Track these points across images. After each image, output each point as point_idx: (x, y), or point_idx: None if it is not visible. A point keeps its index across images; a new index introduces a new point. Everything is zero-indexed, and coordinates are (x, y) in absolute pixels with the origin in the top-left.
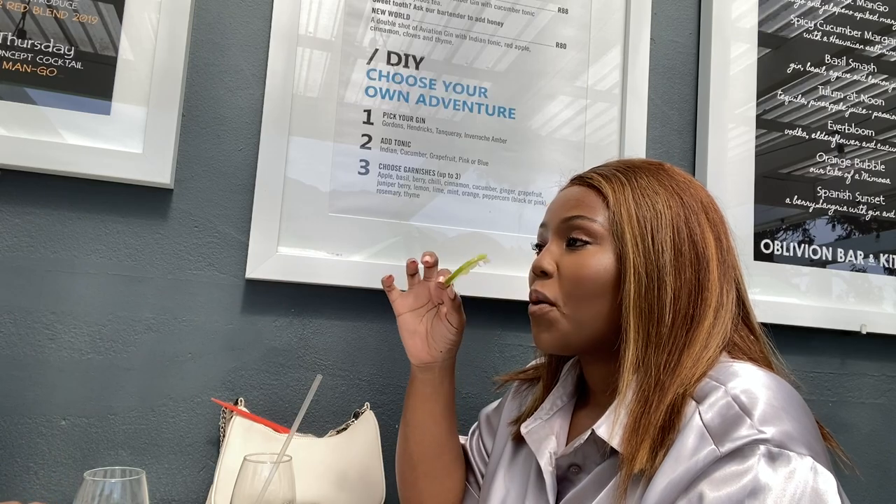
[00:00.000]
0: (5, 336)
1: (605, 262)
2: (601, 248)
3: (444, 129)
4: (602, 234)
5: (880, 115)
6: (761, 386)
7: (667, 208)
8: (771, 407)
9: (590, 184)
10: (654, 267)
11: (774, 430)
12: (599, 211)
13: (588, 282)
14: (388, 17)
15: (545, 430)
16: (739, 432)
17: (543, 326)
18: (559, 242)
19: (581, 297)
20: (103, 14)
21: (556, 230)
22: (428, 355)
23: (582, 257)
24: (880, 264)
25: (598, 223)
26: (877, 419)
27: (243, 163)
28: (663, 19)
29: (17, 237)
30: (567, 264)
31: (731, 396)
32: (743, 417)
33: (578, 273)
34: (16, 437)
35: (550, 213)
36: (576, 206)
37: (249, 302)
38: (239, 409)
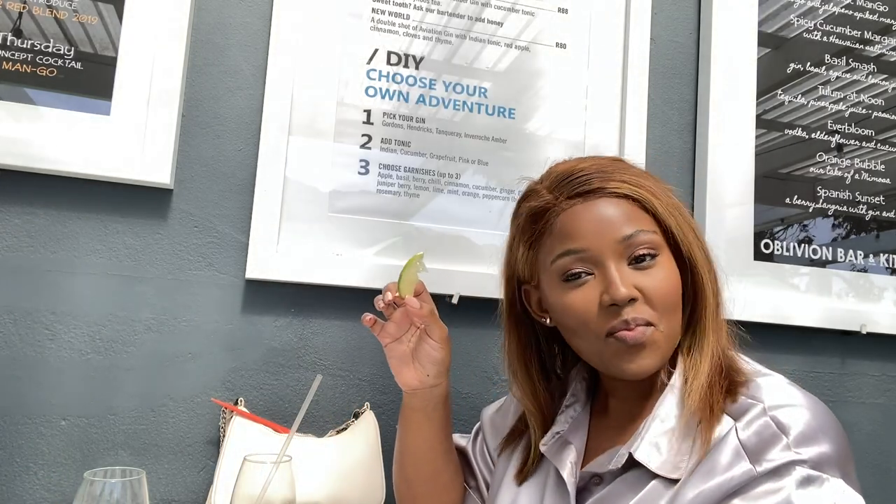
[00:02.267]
0: (5, 336)
1: (675, 270)
2: (665, 258)
3: (444, 129)
4: (660, 243)
5: (880, 114)
6: (799, 405)
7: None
8: (808, 427)
9: (620, 194)
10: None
11: (810, 452)
12: (648, 220)
13: (675, 294)
14: (388, 17)
15: (563, 444)
16: (775, 453)
17: (647, 351)
18: (620, 264)
19: (672, 311)
20: (103, 14)
21: (610, 253)
22: (416, 380)
23: (660, 273)
24: (880, 264)
25: (655, 233)
26: (877, 419)
27: (243, 163)
28: (663, 19)
29: (17, 237)
30: (649, 284)
31: (770, 416)
32: (780, 437)
33: (666, 289)
34: (16, 437)
35: (588, 236)
36: (627, 222)
37: (249, 302)
38: (239, 410)
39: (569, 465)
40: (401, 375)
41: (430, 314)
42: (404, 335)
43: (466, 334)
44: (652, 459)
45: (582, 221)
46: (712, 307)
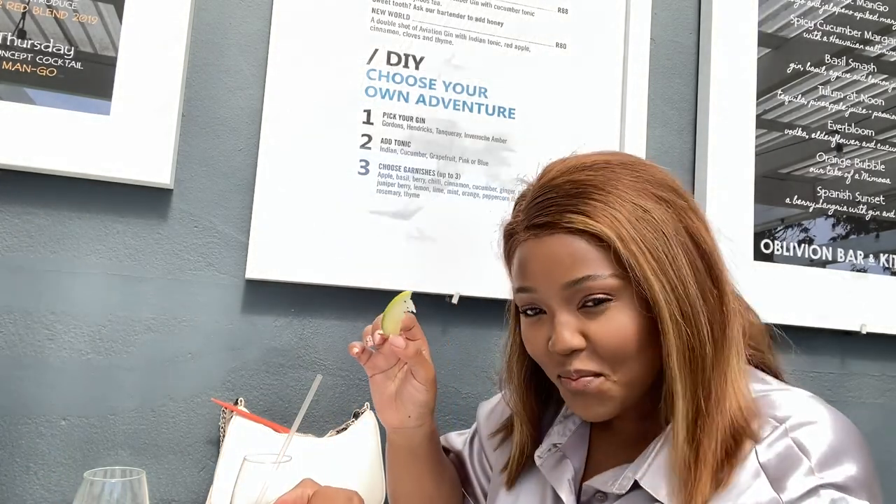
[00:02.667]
0: (5, 336)
1: (634, 315)
2: (624, 302)
3: (444, 129)
4: (616, 285)
5: (880, 115)
6: (820, 423)
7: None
8: (831, 449)
9: (573, 230)
10: (685, 301)
11: (834, 476)
12: (603, 260)
13: (629, 344)
14: (388, 17)
15: (559, 458)
16: (799, 478)
17: (595, 400)
18: (568, 308)
19: (628, 359)
20: (103, 14)
21: (556, 297)
22: (396, 419)
23: (612, 321)
24: (880, 264)
25: (609, 275)
26: (877, 419)
27: (243, 163)
28: (663, 19)
29: (17, 237)
30: (597, 333)
31: (790, 437)
32: (802, 459)
33: (617, 340)
34: (16, 437)
35: (537, 277)
36: (574, 265)
37: (249, 302)
38: (239, 410)
39: (566, 483)
40: (382, 413)
41: (416, 355)
42: (391, 369)
43: (466, 334)
44: (659, 488)
45: (532, 260)
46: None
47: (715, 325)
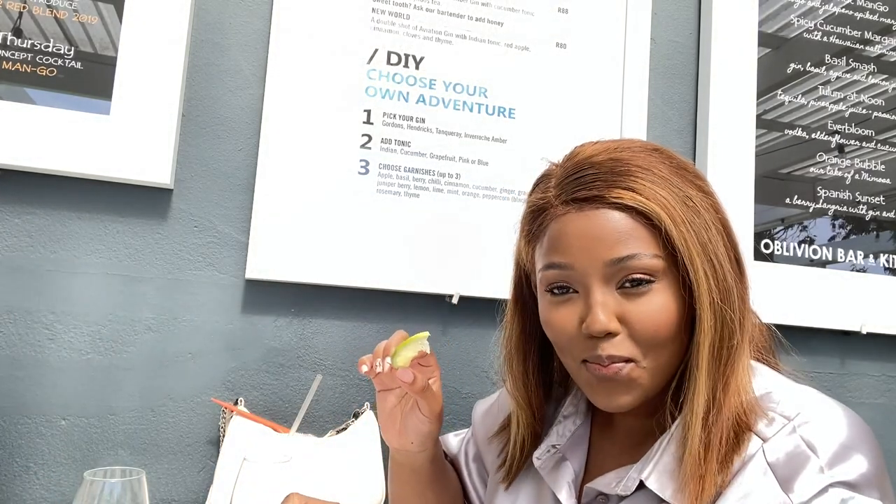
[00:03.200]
0: (5, 336)
1: (674, 300)
2: (665, 284)
3: (444, 129)
4: (660, 267)
5: (880, 115)
6: (829, 420)
7: (705, 210)
8: (841, 446)
9: (621, 205)
10: (725, 290)
11: (844, 473)
12: (649, 240)
13: (666, 328)
14: (388, 17)
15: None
16: (808, 477)
17: (623, 388)
18: (607, 288)
19: (661, 345)
20: (103, 14)
21: (597, 275)
22: (398, 443)
23: (653, 302)
24: (880, 264)
25: (654, 256)
26: (877, 419)
27: (243, 163)
28: (663, 19)
29: (17, 237)
30: (636, 315)
31: (798, 435)
32: (811, 458)
33: (656, 323)
34: (16, 437)
35: (578, 253)
36: (620, 242)
37: (249, 302)
38: (239, 410)
39: (566, 486)
40: (384, 432)
41: (423, 391)
42: (400, 389)
43: (466, 334)
44: (665, 488)
45: (571, 234)
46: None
47: (743, 314)
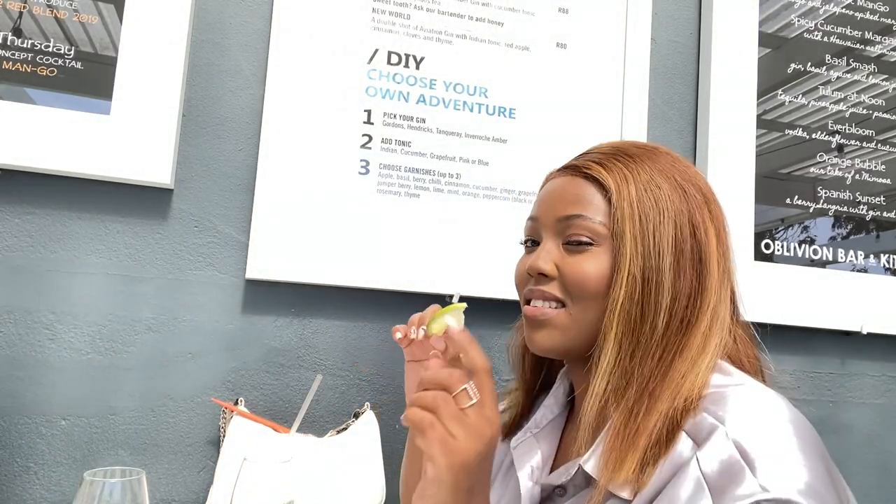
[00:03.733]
0: (5, 336)
1: (606, 264)
2: (603, 249)
3: (444, 129)
4: (604, 233)
5: (880, 115)
6: (765, 425)
7: (670, 203)
8: (775, 456)
9: (588, 175)
10: (652, 269)
11: (779, 486)
12: (600, 208)
13: (593, 283)
14: (388, 17)
15: (532, 445)
16: (741, 490)
17: (546, 327)
18: (555, 241)
19: (586, 298)
20: (103, 14)
21: (551, 228)
22: None
23: (584, 260)
24: (880, 264)
25: (599, 222)
26: (877, 419)
27: (243, 163)
28: (663, 19)
29: (17, 237)
30: (569, 267)
31: (732, 441)
32: (745, 470)
33: (582, 276)
34: (16, 437)
35: (543, 207)
36: (574, 203)
37: (249, 302)
38: (239, 410)
39: (528, 469)
40: (408, 397)
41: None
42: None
43: None
44: (596, 468)
45: (545, 192)
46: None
47: (681, 308)
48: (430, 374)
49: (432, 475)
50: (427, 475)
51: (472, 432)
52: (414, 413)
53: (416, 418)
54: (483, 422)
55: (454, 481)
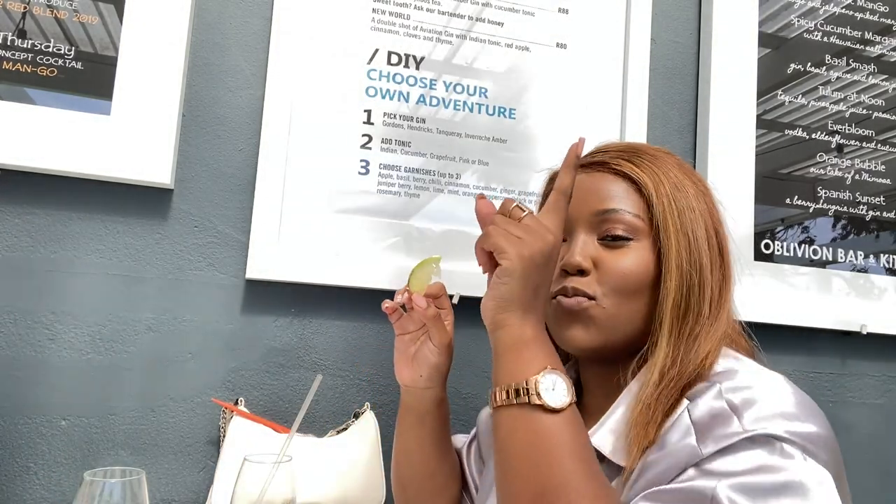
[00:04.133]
0: (5, 336)
1: (647, 259)
2: (641, 245)
3: (444, 129)
4: (642, 228)
5: (880, 115)
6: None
7: (695, 201)
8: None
9: (619, 172)
10: (696, 262)
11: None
12: (636, 203)
13: (633, 278)
14: (388, 17)
15: None
16: (724, 430)
17: (581, 322)
18: (590, 236)
19: (625, 293)
20: (103, 14)
21: (585, 223)
22: (409, 377)
23: (624, 255)
24: (881, 264)
25: (636, 216)
26: (877, 419)
27: (243, 163)
28: (663, 19)
29: (17, 237)
30: (608, 262)
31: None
32: (731, 417)
33: (624, 272)
34: (16, 437)
35: (574, 203)
36: (610, 198)
37: (249, 302)
38: (239, 410)
39: None
40: (398, 370)
41: (434, 317)
42: (416, 332)
43: (466, 334)
44: (605, 444)
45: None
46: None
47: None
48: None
49: (505, 265)
50: (499, 269)
51: (531, 232)
52: (481, 236)
53: (481, 237)
54: (540, 226)
55: (524, 271)
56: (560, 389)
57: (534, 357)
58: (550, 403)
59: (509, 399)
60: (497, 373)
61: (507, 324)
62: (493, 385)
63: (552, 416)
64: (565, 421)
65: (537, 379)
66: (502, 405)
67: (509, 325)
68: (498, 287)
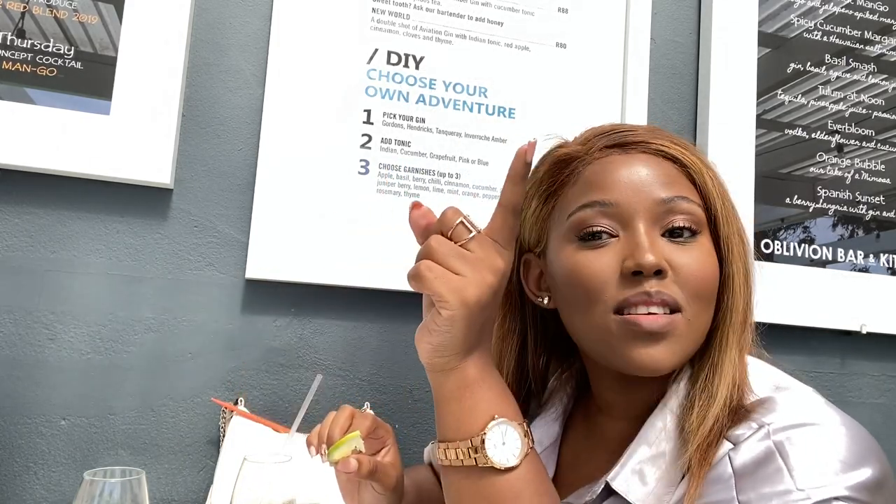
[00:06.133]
0: (5, 336)
1: (714, 258)
2: (706, 240)
3: (444, 129)
4: (703, 222)
5: (880, 114)
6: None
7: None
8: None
9: (664, 153)
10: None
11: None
12: (694, 192)
13: (710, 282)
14: (388, 17)
15: None
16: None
17: (666, 341)
18: (653, 230)
19: (703, 301)
20: (103, 14)
21: (645, 214)
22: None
23: (699, 252)
24: (881, 264)
25: (700, 208)
26: (877, 419)
27: (243, 163)
28: (663, 19)
29: (17, 237)
30: (683, 262)
31: (773, 441)
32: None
33: (703, 273)
34: (16, 437)
35: (622, 189)
36: (668, 184)
37: (249, 302)
38: (239, 409)
39: None
40: (344, 499)
41: (371, 474)
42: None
43: None
44: (632, 490)
45: (616, 172)
46: (740, 316)
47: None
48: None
49: (446, 316)
50: (439, 316)
51: (476, 266)
52: (410, 269)
53: (411, 272)
54: (488, 253)
55: (468, 318)
56: (512, 441)
57: (477, 405)
58: (500, 463)
59: (457, 459)
60: (439, 424)
61: (445, 368)
62: (438, 438)
63: (504, 475)
64: (520, 479)
65: (484, 436)
66: (448, 466)
67: (448, 368)
68: (435, 335)
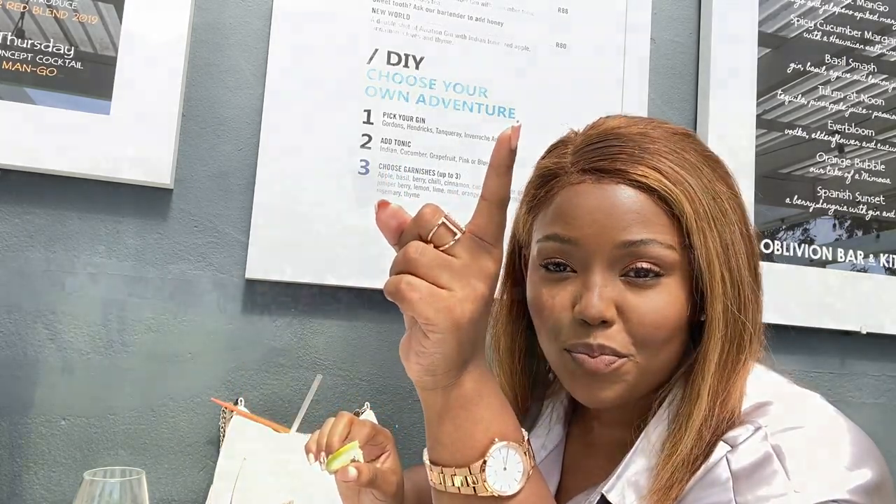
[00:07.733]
0: (5, 336)
1: (681, 297)
2: (675, 281)
3: (444, 129)
4: (672, 260)
5: (880, 115)
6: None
7: (732, 211)
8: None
9: (641, 184)
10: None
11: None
12: (667, 227)
13: (666, 328)
14: (388, 17)
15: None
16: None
17: (608, 382)
18: (610, 273)
19: (657, 345)
20: (103, 14)
21: (603, 256)
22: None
23: (655, 298)
24: (880, 264)
25: (668, 247)
26: (877, 419)
27: (243, 163)
28: (663, 19)
29: (17, 237)
30: (637, 308)
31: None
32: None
33: (657, 320)
34: (16, 437)
35: (586, 227)
36: (636, 224)
37: (249, 302)
38: (238, 409)
39: None
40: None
41: (370, 482)
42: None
43: None
44: (626, 500)
45: (582, 206)
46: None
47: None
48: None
49: (434, 339)
50: (426, 339)
51: (467, 275)
52: (387, 283)
53: (390, 288)
54: (475, 259)
55: (459, 338)
56: (513, 466)
57: (476, 426)
58: (501, 491)
59: (452, 486)
60: (431, 443)
61: (437, 386)
62: (430, 458)
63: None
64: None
65: (484, 462)
66: (442, 491)
67: (441, 386)
68: (424, 357)
